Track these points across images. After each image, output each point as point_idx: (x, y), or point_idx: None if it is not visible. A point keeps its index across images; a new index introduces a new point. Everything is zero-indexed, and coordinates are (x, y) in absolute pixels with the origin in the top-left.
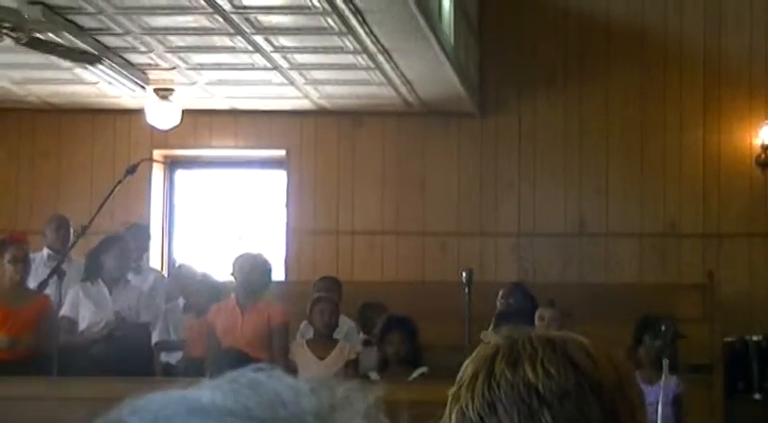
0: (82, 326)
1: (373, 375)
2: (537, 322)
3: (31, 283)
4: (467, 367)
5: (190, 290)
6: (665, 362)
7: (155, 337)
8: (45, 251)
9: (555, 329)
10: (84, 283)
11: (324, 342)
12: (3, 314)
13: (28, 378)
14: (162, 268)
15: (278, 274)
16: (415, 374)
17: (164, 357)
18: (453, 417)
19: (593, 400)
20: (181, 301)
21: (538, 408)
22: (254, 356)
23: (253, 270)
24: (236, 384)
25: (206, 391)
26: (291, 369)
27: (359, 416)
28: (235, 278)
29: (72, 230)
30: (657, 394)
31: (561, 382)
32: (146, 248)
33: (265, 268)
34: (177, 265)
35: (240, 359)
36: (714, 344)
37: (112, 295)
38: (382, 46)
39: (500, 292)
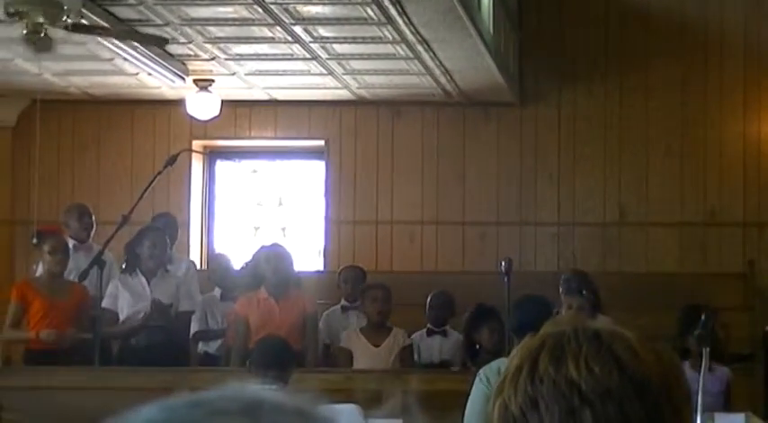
0: (121, 317)
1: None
2: (564, 310)
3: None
4: (512, 359)
5: (226, 279)
6: (706, 351)
7: (194, 328)
8: (70, 242)
9: (586, 318)
10: (123, 275)
11: (377, 329)
12: (45, 306)
13: (70, 368)
14: (201, 259)
15: (317, 264)
16: None
17: (201, 347)
18: (496, 410)
19: (636, 399)
20: (217, 291)
21: (579, 406)
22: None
23: (282, 260)
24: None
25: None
26: (344, 356)
27: None
28: (260, 270)
29: (94, 218)
30: (707, 382)
31: (604, 381)
32: (174, 237)
33: (290, 258)
34: (214, 254)
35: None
36: (755, 333)
37: (151, 285)
38: (421, 36)
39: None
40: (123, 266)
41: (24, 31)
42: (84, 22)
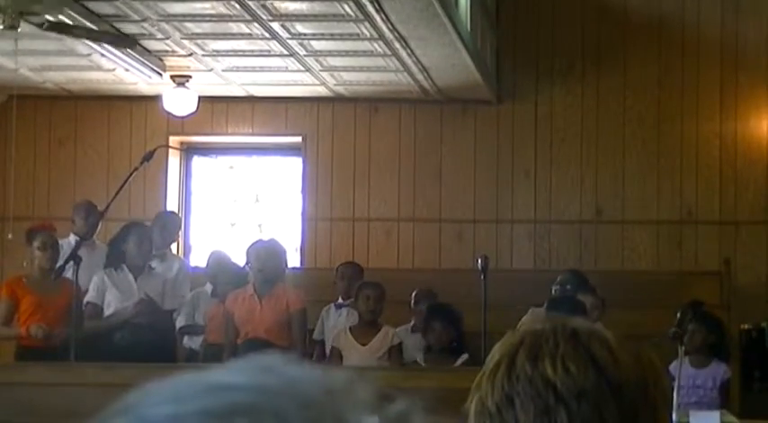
0: (107, 312)
1: (419, 358)
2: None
3: None
4: (492, 356)
5: (221, 277)
6: (681, 349)
7: (180, 322)
8: (72, 237)
9: (596, 317)
10: (108, 270)
11: (368, 328)
12: (36, 302)
13: (47, 364)
14: (178, 254)
15: (293, 260)
16: (458, 362)
17: (187, 341)
18: (472, 406)
19: (612, 399)
20: (209, 287)
21: (554, 405)
22: (275, 343)
23: (269, 257)
24: (250, 366)
25: (221, 373)
26: (335, 355)
27: (367, 404)
28: (251, 266)
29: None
30: (705, 378)
31: (580, 380)
32: (173, 236)
33: (281, 255)
34: (214, 252)
35: (262, 347)
36: (731, 332)
37: (137, 283)
38: (399, 33)
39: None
40: (107, 261)
41: (1, 26)
42: (61, 17)
